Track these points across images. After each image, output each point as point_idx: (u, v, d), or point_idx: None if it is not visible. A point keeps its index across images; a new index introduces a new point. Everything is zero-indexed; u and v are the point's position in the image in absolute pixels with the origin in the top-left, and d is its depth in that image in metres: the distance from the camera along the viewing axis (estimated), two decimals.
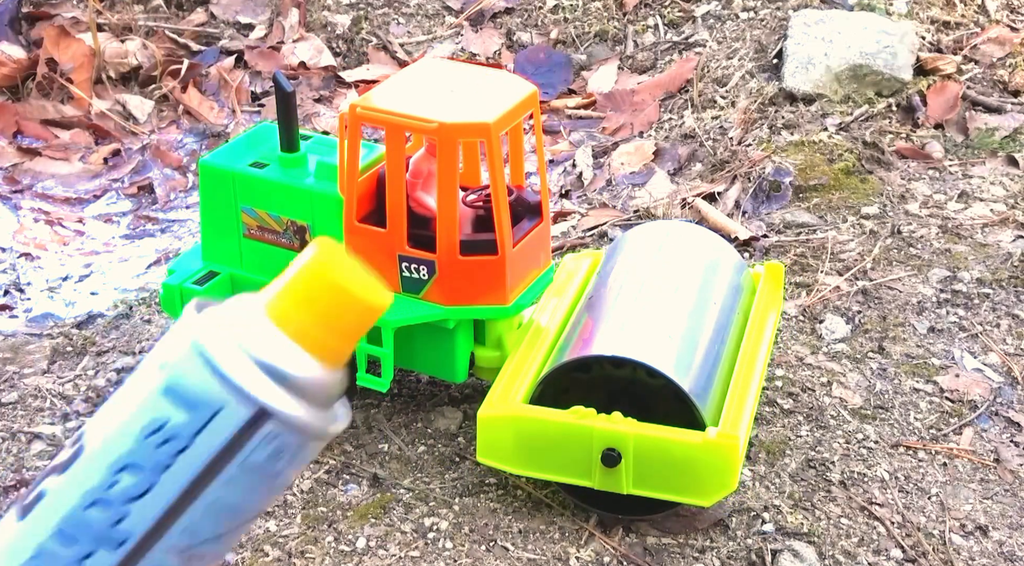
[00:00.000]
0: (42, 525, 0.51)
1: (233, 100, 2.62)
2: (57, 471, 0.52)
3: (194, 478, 0.50)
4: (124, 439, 0.51)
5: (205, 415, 0.50)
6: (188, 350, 0.51)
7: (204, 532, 0.51)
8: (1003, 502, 1.51)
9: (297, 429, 0.51)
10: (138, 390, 0.52)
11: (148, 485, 0.50)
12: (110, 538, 0.50)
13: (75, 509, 0.50)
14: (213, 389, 0.50)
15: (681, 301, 1.49)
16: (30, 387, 1.72)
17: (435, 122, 1.40)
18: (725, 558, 1.41)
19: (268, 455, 0.51)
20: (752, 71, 2.49)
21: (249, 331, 0.52)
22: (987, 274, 1.94)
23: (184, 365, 0.51)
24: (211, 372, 0.50)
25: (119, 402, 0.53)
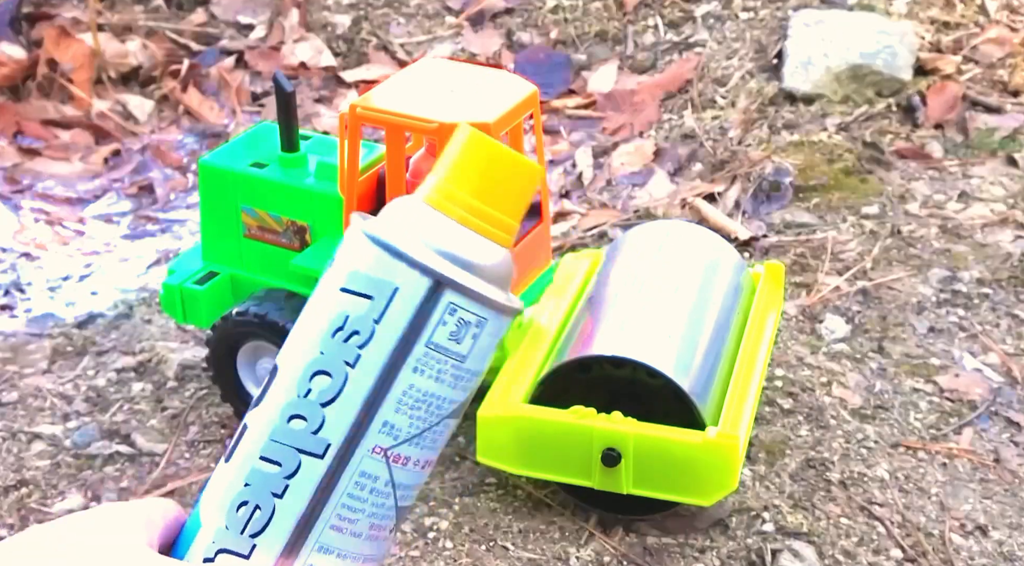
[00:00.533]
0: (249, 453, 0.52)
1: (233, 100, 2.62)
2: (255, 404, 0.54)
3: (383, 367, 0.51)
4: (311, 345, 0.52)
5: (384, 298, 0.51)
6: (360, 240, 0.52)
7: (403, 429, 0.51)
8: (1003, 502, 1.51)
9: (476, 298, 0.52)
10: (319, 297, 0.53)
11: (340, 385, 0.51)
12: (313, 447, 0.51)
13: (276, 428, 0.51)
14: (388, 269, 0.51)
15: (681, 301, 1.49)
16: (30, 387, 1.72)
17: (435, 122, 1.40)
18: (725, 558, 1.41)
19: (451, 333, 0.51)
20: (752, 71, 2.49)
21: (416, 219, 0.52)
22: (987, 274, 1.94)
23: (357, 255, 0.52)
24: (384, 251, 0.51)
25: (304, 317, 0.54)
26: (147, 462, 1.58)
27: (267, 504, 0.51)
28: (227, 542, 0.51)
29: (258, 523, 0.51)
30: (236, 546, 0.51)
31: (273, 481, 0.51)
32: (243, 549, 0.51)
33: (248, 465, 0.52)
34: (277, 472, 0.51)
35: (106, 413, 1.66)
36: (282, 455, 0.51)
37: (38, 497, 1.53)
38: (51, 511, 1.51)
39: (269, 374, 0.54)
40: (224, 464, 0.53)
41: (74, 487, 1.54)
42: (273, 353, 1.55)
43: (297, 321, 0.54)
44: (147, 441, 1.61)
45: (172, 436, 1.62)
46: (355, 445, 0.51)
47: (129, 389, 1.71)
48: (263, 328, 1.53)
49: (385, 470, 0.51)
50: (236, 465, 0.52)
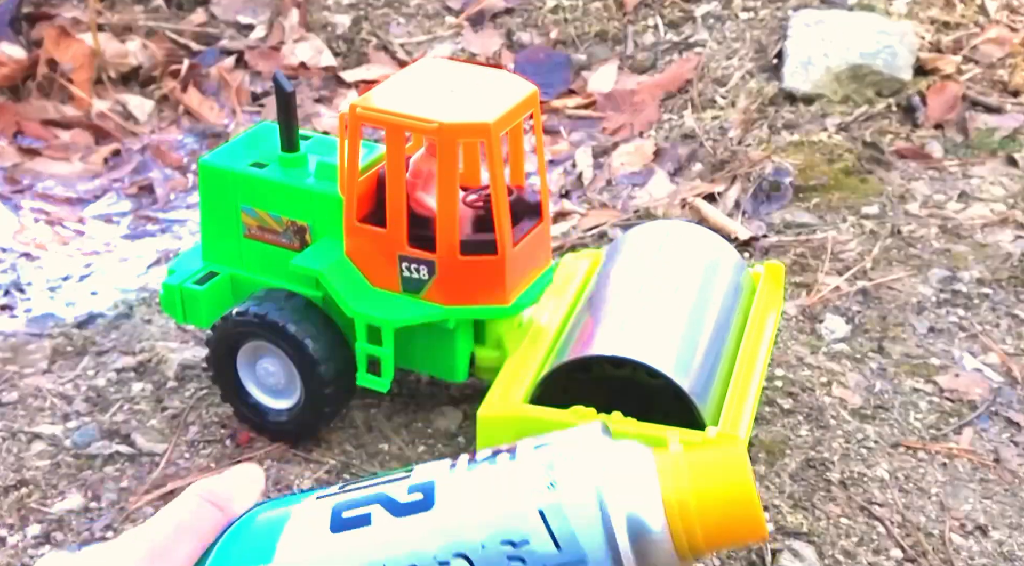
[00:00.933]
0: (358, 553, 0.50)
1: (233, 100, 2.62)
2: (391, 508, 0.50)
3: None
4: (477, 530, 0.49)
5: (569, 558, 0.48)
6: (588, 493, 0.49)
7: None
8: (1003, 502, 1.51)
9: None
10: (516, 489, 0.50)
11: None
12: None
13: (397, 559, 0.49)
14: (592, 542, 0.48)
15: (681, 301, 1.49)
16: (30, 387, 1.72)
17: (435, 122, 1.40)
18: (725, 558, 1.41)
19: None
20: (752, 71, 2.49)
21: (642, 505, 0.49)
22: (987, 274, 1.94)
23: (576, 503, 0.49)
24: (601, 529, 0.48)
25: (489, 484, 0.50)
26: (147, 462, 1.58)
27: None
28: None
29: None
30: None
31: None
32: None
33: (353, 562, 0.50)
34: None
35: (106, 413, 1.66)
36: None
37: (38, 497, 1.53)
38: (51, 511, 1.51)
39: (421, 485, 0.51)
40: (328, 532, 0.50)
41: (74, 487, 1.54)
42: (273, 353, 1.55)
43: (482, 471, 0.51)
44: (147, 441, 1.61)
45: (172, 436, 1.62)
46: None
47: (129, 389, 1.71)
48: (263, 328, 1.53)
49: None
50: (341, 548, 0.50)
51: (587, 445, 0.50)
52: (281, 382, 1.57)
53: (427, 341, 1.52)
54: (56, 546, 1.47)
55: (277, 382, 1.57)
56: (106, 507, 1.52)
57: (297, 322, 1.52)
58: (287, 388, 1.57)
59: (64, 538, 1.48)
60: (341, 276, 1.50)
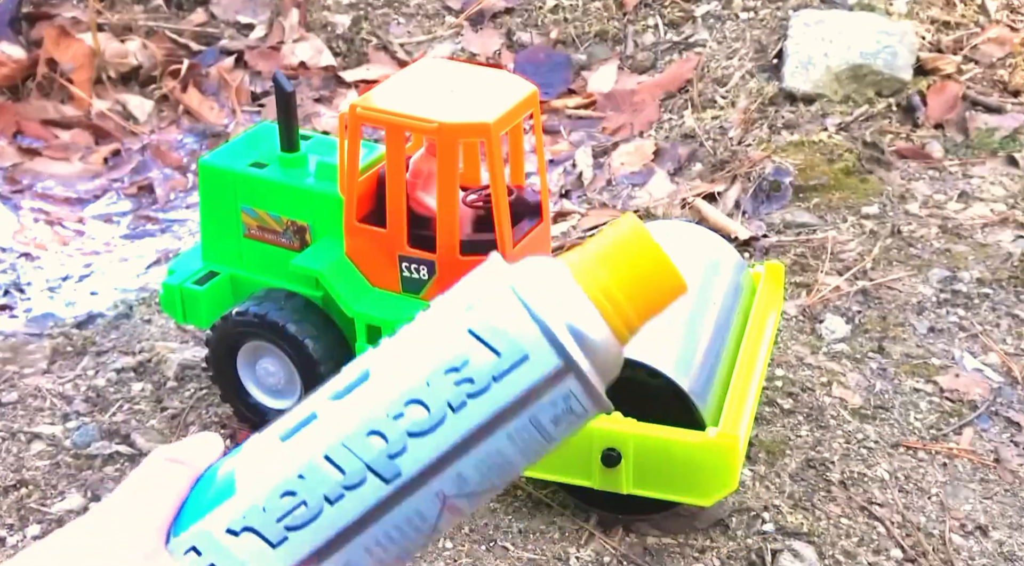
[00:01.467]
0: (312, 446, 0.50)
1: (233, 100, 2.62)
2: (327, 393, 0.51)
3: (482, 424, 0.49)
4: (420, 372, 0.50)
5: (511, 360, 0.49)
6: (504, 293, 0.50)
7: (471, 483, 0.50)
8: (1003, 502, 1.51)
9: (591, 394, 0.51)
10: (439, 326, 0.51)
11: (435, 423, 0.49)
12: (384, 470, 0.49)
13: (353, 436, 0.50)
14: (526, 335, 0.49)
15: (681, 301, 1.49)
16: (30, 387, 1.72)
17: (435, 122, 1.40)
18: (725, 558, 1.41)
19: (554, 416, 0.50)
20: (752, 71, 2.49)
21: (560, 289, 0.51)
22: (987, 274, 1.94)
23: (498, 307, 0.50)
24: (528, 317, 0.49)
25: (414, 336, 0.51)
26: None
27: (315, 504, 0.49)
28: (259, 523, 0.50)
29: (298, 518, 0.49)
30: (266, 531, 0.49)
31: (330, 485, 0.49)
32: (273, 537, 0.49)
33: (307, 457, 0.50)
34: (337, 479, 0.49)
35: (106, 413, 1.66)
36: (349, 464, 0.49)
37: (38, 497, 1.53)
38: (51, 511, 1.51)
39: (354, 369, 0.52)
40: (278, 442, 0.51)
41: (74, 487, 1.54)
42: (273, 353, 1.55)
43: (405, 333, 0.52)
44: (147, 441, 1.61)
45: (172, 436, 1.62)
46: (423, 483, 0.50)
47: (129, 389, 1.71)
48: (263, 328, 1.52)
49: (436, 514, 0.51)
50: (294, 452, 0.50)
51: (491, 268, 0.52)
52: (281, 382, 1.57)
53: None
54: None
55: (277, 382, 1.57)
56: None
57: (297, 322, 1.51)
58: (287, 388, 1.57)
59: None
60: (341, 276, 1.50)
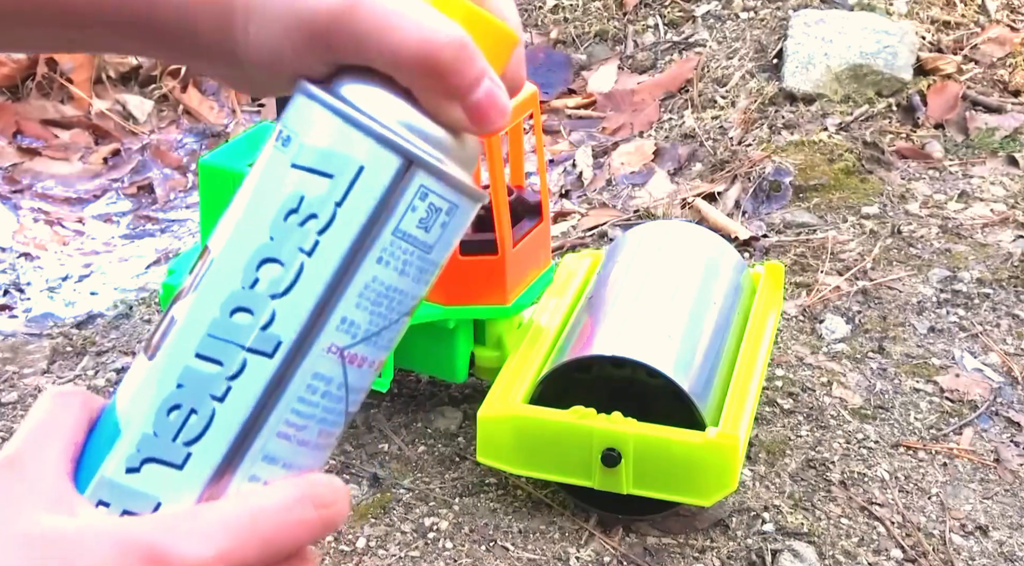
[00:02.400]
0: (181, 350, 0.45)
1: (233, 100, 2.62)
2: (183, 296, 0.46)
3: (344, 256, 0.45)
4: (258, 229, 0.45)
5: (347, 177, 0.44)
6: (314, 109, 0.45)
7: (362, 326, 0.46)
8: (1003, 502, 1.51)
9: (449, 182, 0.46)
10: (264, 172, 0.46)
11: (295, 275, 0.45)
12: (261, 345, 0.45)
13: (217, 322, 0.45)
14: (351, 144, 0.44)
15: (681, 301, 1.49)
16: (30, 387, 1.72)
17: None
18: (725, 558, 1.41)
19: (420, 219, 0.45)
20: (752, 71, 2.49)
21: (379, 83, 0.45)
22: (987, 274, 1.94)
23: (312, 125, 0.45)
24: (345, 122, 0.44)
25: (241, 198, 0.46)
26: None
27: (205, 408, 0.45)
28: (155, 450, 0.45)
29: (194, 429, 0.45)
30: (167, 455, 0.45)
31: (213, 382, 0.45)
32: (175, 458, 0.45)
33: (180, 363, 0.45)
34: (218, 372, 0.45)
35: None
36: (224, 353, 0.45)
37: None
38: None
39: (196, 260, 0.47)
40: (147, 361, 0.46)
41: None
42: None
43: (235, 200, 0.47)
44: None
45: None
46: (309, 343, 0.45)
47: None
48: None
49: (340, 372, 0.46)
50: (164, 363, 0.45)
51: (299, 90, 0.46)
52: None
53: (427, 341, 1.52)
54: None
55: None
56: None
57: None
58: None
59: None
60: None
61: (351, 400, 0.47)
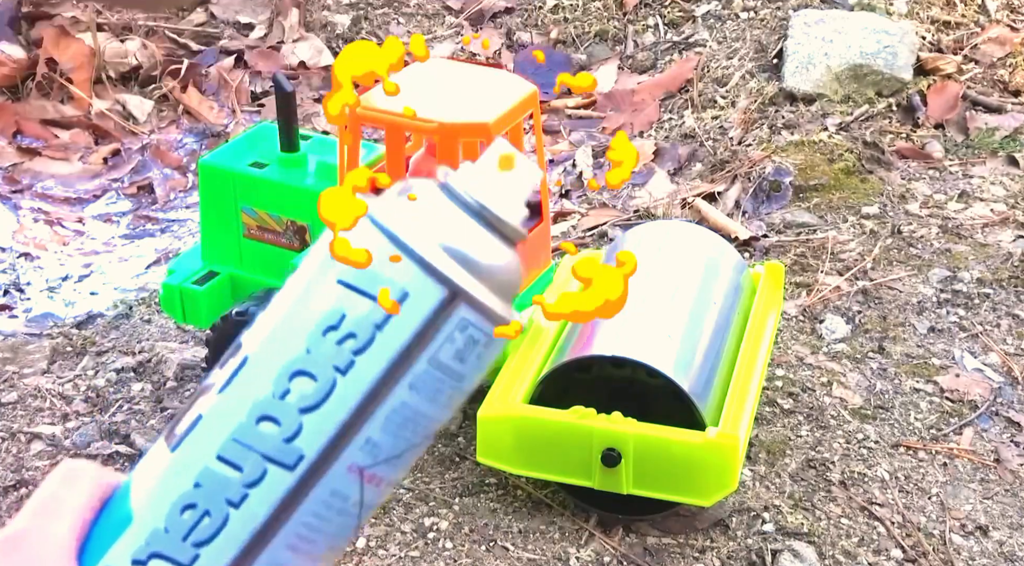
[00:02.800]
0: (202, 449, 0.45)
1: (233, 100, 2.62)
2: (212, 390, 0.46)
3: (378, 379, 0.44)
4: (296, 340, 0.45)
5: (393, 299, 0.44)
6: (365, 227, 0.45)
7: (384, 448, 0.46)
8: (1003, 502, 1.51)
9: (489, 316, 0.46)
10: (306, 283, 0.46)
11: (326, 392, 0.44)
12: (283, 457, 0.44)
13: (242, 427, 0.45)
14: (398, 269, 0.44)
15: (681, 301, 1.49)
16: (30, 387, 1.72)
17: (435, 122, 1.40)
18: (725, 558, 1.41)
19: (457, 351, 0.45)
20: (752, 71, 2.49)
21: (427, 206, 0.45)
22: (987, 274, 1.94)
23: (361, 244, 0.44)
24: (395, 246, 0.44)
25: (283, 303, 0.46)
26: None
27: (219, 511, 0.45)
28: (164, 546, 0.45)
29: (205, 531, 0.45)
30: (174, 552, 0.45)
31: (230, 487, 0.45)
32: (183, 557, 0.45)
33: (201, 463, 0.45)
34: (236, 478, 0.45)
35: (106, 413, 1.66)
36: (245, 459, 0.45)
37: None
38: None
39: (230, 355, 0.47)
40: (168, 453, 0.46)
41: None
42: None
43: (275, 302, 0.47)
44: (146, 441, 1.61)
45: None
46: (331, 460, 0.45)
47: (129, 389, 1.71)
48: None
49: (357, 490, 0.46)
50: (185, 459, 0.45)
51: None
52: None
53: None
54: None
55: None
56: None
57: None
58: None
59: None
60: None
61: (363, 516, 0.47)
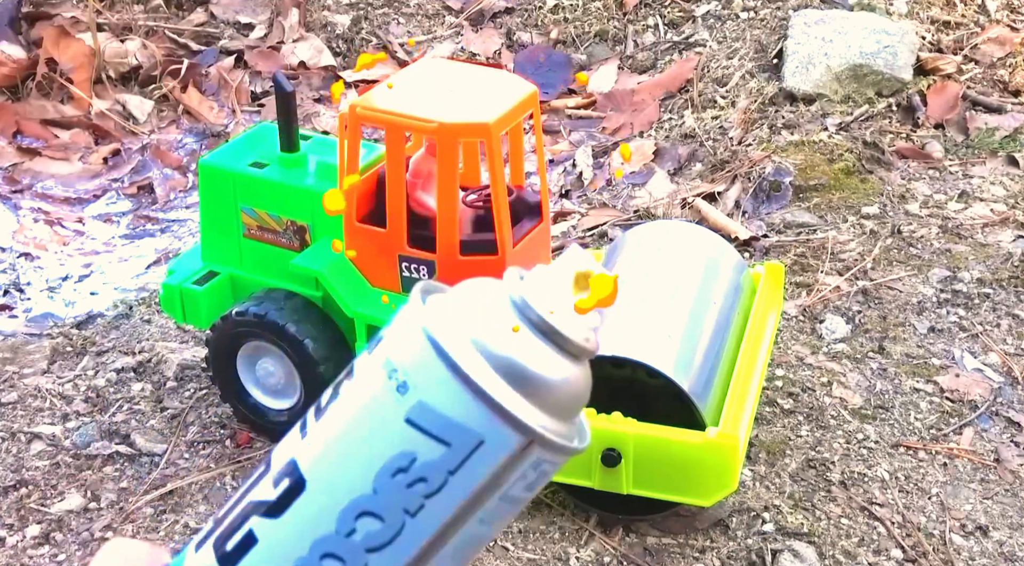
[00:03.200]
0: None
1: (233, 100, 2.62)
2: (268, 512, 0.44)
3: (448, 521, 0.43)
4: (362, 479, 0.42)
5: (465, 449, 0.42)
6: (437, 367, 0.42)
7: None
8: (1003, 502, 1.51)
9: (563, 452, 0.45)
10: (373, 414, 0.43)
11: (394, 533, 0.43)
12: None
13: (303, 560, 0.43)
14: (475, 418, 0.42)
15: (681, 301, 1.49)
16: (30, 387, 1.72)
17: (435, 122, 1.40)
18: (725, 558, 1.41)
19: (527, 485, 0.45)
20: (752, 71, 2.49)
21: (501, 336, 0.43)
22: (987, 274, 1.94)
23: (435, 387, 0.42)
24: (474, 398, 0.42)
25: (345, 428, 0.43)
26: (147, 462, 1.58)
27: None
28: None
29: None
30: None
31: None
32: None
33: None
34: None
35: (106, 413, 1.66)
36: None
37: (38, 497, 1.53)
38: (50, 511, 1.51)
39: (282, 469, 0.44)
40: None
41: (73, 487, 1.54)
42: (273, 353, 1.54)
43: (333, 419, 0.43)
44: (147, 441, 1.61)
45: (172, 436, 1.62)
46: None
47: (129, 389, 1.71)
48: (263, 328, 1.52)
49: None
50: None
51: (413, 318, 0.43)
52: (281, 382, 1.57)
53: None
54: (56, 546, 1.47)
55: (277, 382, 1.57)
56: (105, 507, 1.51)
57: (297, 322, 1.51)
58: (287, 388, 1.57)
59: (63, 538, 1.48)
60: (341, 276, 1.50)
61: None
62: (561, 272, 0.45)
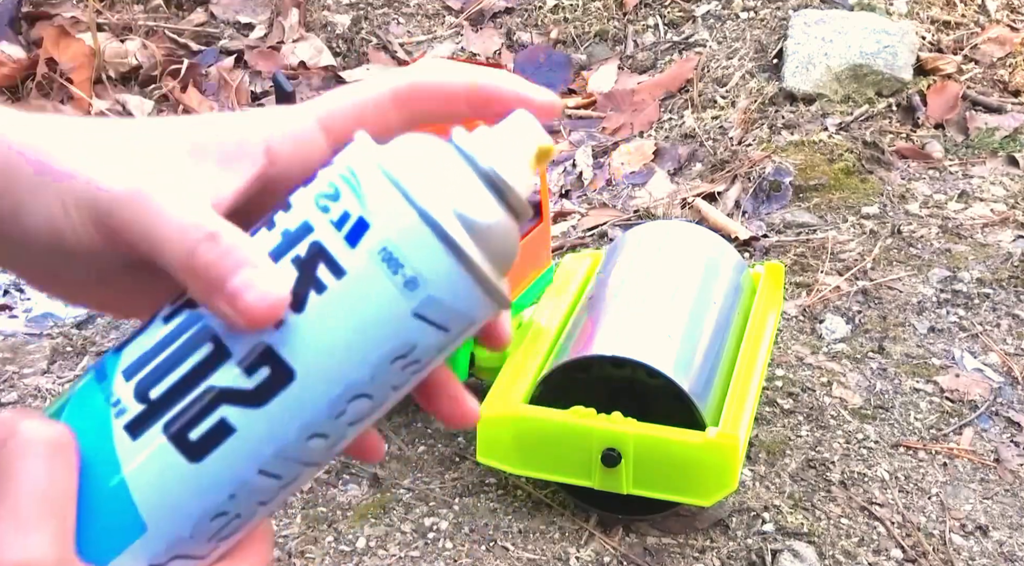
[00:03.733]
0: (241, 466, 0.43)
1: (233, 100, 2.62)
2: (245, 402, 0.43)
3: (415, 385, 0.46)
4: (361, 369, 0.43)
5: (459, 331, 0.45)
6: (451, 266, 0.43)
7: None
8: (1003, 502, 1.51)
9: None
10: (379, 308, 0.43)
11: (377, 407, 0.45)
12: (321, 459, 0.45)
13: (290, 443, 0.43)
14: (477, 305, 0.44)
15: (681, 301, 1.49)
16: (30, 387, 1.72)
17: None
18: (725, 558, 1.41)
19: None
20: (752, 71, 2.49)
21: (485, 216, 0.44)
22: (987, 274, 1.94)
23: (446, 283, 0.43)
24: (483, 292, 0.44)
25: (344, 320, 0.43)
26: None
27: (250, 513, 0.45)
28: (187, 549, 0.44)
29: (231, 528, 0.44)
30: (197, 550, 0.44)
31: (266, 492, 0.44)
32: (203, 552, 0.44)
33: (238, 478, 0.43)
34: (274, 484, 0.44)
35: None
36: (287, 469, 0.44)
37: None
38: None
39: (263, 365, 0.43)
40: (186, 463, 0.43)
41: None
42: None
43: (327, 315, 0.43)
44: None
45: None
46: None
47: None
48: None
49: None
50: (217, 475, 0.43)
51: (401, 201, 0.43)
52: None
53: None
54: None
55: None
56: None
57: None
58: None
59: None
60: None
61: None
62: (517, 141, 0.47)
